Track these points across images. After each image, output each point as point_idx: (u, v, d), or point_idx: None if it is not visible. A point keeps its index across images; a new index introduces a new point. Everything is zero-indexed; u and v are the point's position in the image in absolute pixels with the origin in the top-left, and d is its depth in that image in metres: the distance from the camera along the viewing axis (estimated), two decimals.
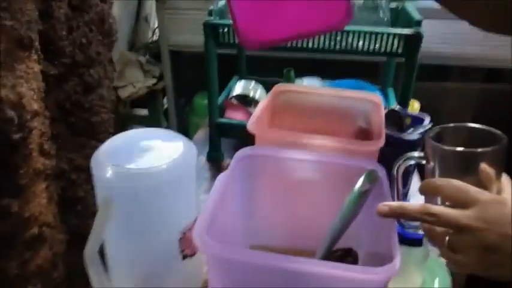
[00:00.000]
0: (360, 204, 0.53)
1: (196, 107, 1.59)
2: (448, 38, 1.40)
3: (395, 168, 0.53)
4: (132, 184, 0.55)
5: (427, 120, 0.84)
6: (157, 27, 1.78)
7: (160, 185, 0.56)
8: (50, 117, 0.81)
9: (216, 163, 1.04)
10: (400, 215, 0.45)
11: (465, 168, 0.43)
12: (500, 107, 1.44)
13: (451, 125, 0.47)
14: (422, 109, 1.19)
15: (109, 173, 0.56)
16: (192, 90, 1.66)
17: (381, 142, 0.62)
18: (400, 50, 0.87)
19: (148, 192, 0.56)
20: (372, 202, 0.52)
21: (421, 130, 0.81)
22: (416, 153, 0.51)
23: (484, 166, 0.43)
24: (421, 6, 1.00)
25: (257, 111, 0.71)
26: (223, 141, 1.06)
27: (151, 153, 0.59)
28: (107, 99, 0.97)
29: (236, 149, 0.60)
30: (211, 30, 0.92)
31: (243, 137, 0.70)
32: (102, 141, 0.60)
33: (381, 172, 0.55)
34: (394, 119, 0.85)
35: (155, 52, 1.82)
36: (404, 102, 0.92)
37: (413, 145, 0.79)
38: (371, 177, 0.54)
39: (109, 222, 0.56)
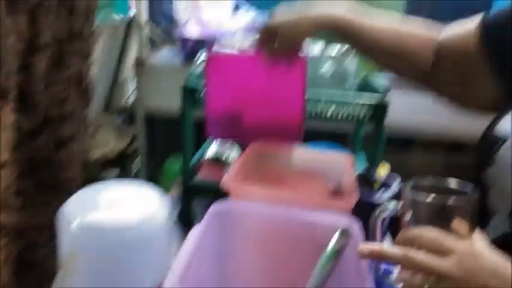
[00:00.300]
0: (334, 262, 0.52)
1: (168, 171, 1.58)
2: (414, 109, 1.49)
3: (373, 219, 0.53)
4: (99, 239, 0.53)
5: (395, 183, 0.87)
6: (133, 91, 1.81)
7: (129, 241, 0.54)
8: (18, 171, 0.78)
9: (187, 225, 1.02)
10: (380, 257, 0.45)
11: (439, 219, 0.44)
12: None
13: (427, 178, 0.49)
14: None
15: (76, 226, 0.53)
16: (164, 154, 1.66)
17: (354, 199, 0.63)
18: (367, 118, 0.91)
19: (116, 248, 0.53)
20: (347, 258, 0.52)
21: (391, 193, 0.83)
22: (393, 204, 0.52)
23: (455, 223, 0.44)
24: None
25: (232, 168, 0.71)
26: (195, 202, 1.04)
27: (122, 208, 0.57)
28: (77, 157, 0.95)
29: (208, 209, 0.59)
30: (189, 94, 0.95)
31: (216, 198, 0.70)
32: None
33: (356, 226, 0.55)
34: (364, 183, 0.87)
35: (129, 115, 1.84)
36: (373, 167, 0.94)
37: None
38: (345, 235, 0.54)
39: (72, 279, 0.53)
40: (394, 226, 0.52)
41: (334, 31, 0.72)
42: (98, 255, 0.52)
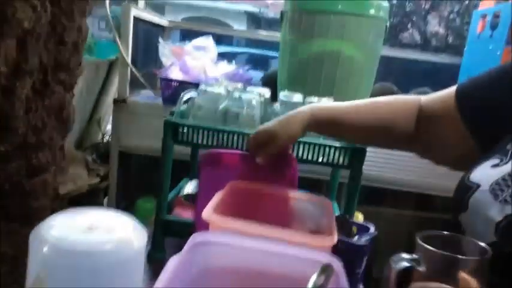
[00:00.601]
0: None
1: (140, 210, 1.54)
2: (386, 160, 1.54)
3: (390, 271, 0.53)
4: (70, 263, 0.51)
5: (372, 228, 0.88)
6: (108, 131, 1.80)
7: (101, 266, 0.51)
8: None
9: (157, 264, 0.98)
10: None
11: (451, 272, 0.45)
12: None
13: (443, 232, 0.51)
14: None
15: (46, 249, 0.51)
16: (136, 193, 1.62)
17: (334, 238, 0.63)
18: (345, 162, 0.94)
19: (88, 273, 0.51)
20: None
21: (368, 237, 0.83)
22: (408, 255, 0.53)
23: (463, 275, 0.45)
24: None
25: (212, 202, 0.71)
26: (167, 242, 1.01)
27: (97, 233, 0.55)
28: (50, 185, 0.93)
29: (181, 249, 0.58)
30: (171, 129, 0.95)
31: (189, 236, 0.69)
32: None
33: (337, 265, 0.55)
34: (342, 227, 0.87)
35: (102, 153, 1.81)
36: (349, 212, 0.95)
37: (362, 251, 0.81)
38: (327, 271, 0.54)
39: None
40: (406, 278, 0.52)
41: (320, 126, 0.82)
42: (69, 279, 0.50)
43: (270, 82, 1.67)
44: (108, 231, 0.55)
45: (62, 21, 0.85)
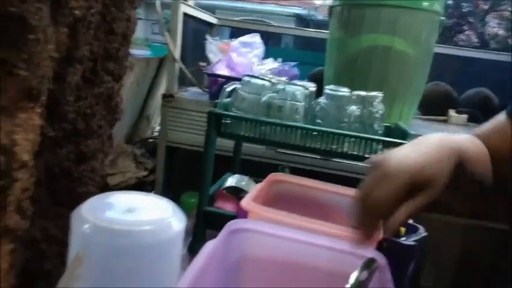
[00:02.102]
0: None
1: (184, 204, 1.56)
2: None
3: None
4: (109, 241, 0.51)
5: (421, 229, 0.83)
6: (157, 126, 1.84)
7: (139, 245, 0.51)
8: (36, 178, 0.78)
9: None
10: None
11: None
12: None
13: None
14: None
15: (86, 227, 0.51)
16: (181, 187, 1.65)
17: (379, 234, 0.59)
18: None
19: (126, 252, 0.51)
20: None
21: (416, 237, 0.78)
22: None
23: None
24: None
25: (252, 193, 0.69)
26: (208, 235, 1.01)
27: (136, 214, 0.55)
28: (98, 172, 0.95)
29: None
30: (214, 120, 0.95)
31: None
32: None
33: (382, 261, 0.52)
34: None
35: (151, 148, 1.86)
36: None
37: (410, 252, 0.76)
38: (370, 266, 0.50)
39: (76, 283, 0.50)
40: None
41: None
42: (107, 257, 0.50)
43: (316, 81, 1.64)
44: (147, 213, 0.55)
45: (112, 11, 0.87)
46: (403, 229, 0.85)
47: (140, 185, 1.61)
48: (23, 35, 0.63)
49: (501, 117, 0.59)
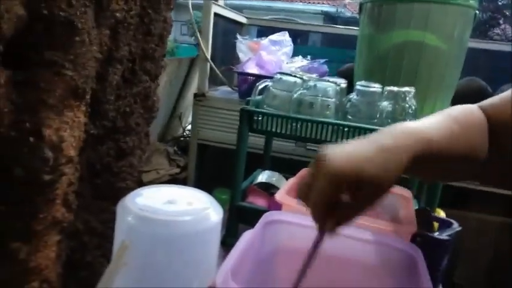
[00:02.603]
0: None
1: (216, 200, 1.59)
2: None
3: None
4: (152, 230, 0.54)
5: (455, 224, 0.82)
6: (188, 125, 1.88)
7: (180, 235, 0.54)
8: (79, 173, 0.82)
9: (231, 248, 1.01)
10: None
11: None
12: None
13: None
14: None
15: (130, 218, 0.55)
16: (212, 184, 1.68)
17: (414, 227, 0.60)
18: None
19: (167, 241, 0.54)
20: (405, 282, 0.49)
21: (450, 232, 0.78)
22: None
23: None
24: None
25: (285, 186, 0.71)
26: (241, 230, 1.03)
27: (177, 206, 0.58)
28: (135, 168, 0.99)
29: None
30: (247, 117, 0.97)
31: None
32: None
33: (416, 253, 0.53)
34: (422, 221, 0.83)
35: (183, 146, 1.90)
36: (430, 207, 0.90)
37: (444, 246, 0.76)
38: None
39: (122, 270, 0.53)
40: None
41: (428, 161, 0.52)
42: (150, 246, 0.53)
43: (345, 77, 1.64)
44: (187, 204, 0.58)
45: (150, 13, 0.90)
46: (436, 224, 0.85)
47: (173, 182, 1.66)
48: (70, 37, 0.67)
49: None
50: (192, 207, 0.57)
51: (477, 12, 1.40)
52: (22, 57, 0.65)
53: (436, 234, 0.79)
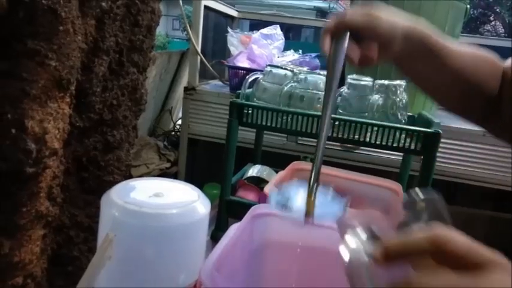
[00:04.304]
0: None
1: (206, 195, 1.58)
2: (461, 152, 1.43)
3: None
4: (137, 224, 0.53)
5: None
6: (179, 119, 1.86)
7: (168, 228, 0.53)
8: (65, 166, 0.81)
9: None
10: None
11: None
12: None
13: None
14: None
15: (115, 210, 0.53)
16: (203, 179, 1.67)
17: (401, 217, 0.59)
18: (418, 147, 0.89)
19: (153, 234, 0.53)
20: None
21: None
22: None
23: None
24: None
25: (274, 180, 0.70)
26: (230, 223, 1.03)
27: (163, 199, 0.57)
28: (123, 162, 0.97)
29: None
30: (236, 110, 0.96)
31: None
32: None
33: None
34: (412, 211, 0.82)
35: (173, 140, 1.88)
36: None
37: None
38: None
39: (106, 264, 0.52)
40: None
41: (418, 49, 0.58)
42: (135, 239, 0.52)
43: None
44: (173, 197, 0.57)
45: (137, 3, 0.89)
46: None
47: (163, 177, 1.64)
48: (54, 26, 0.65)
49: None
50: (178, 200, 0.56)
51: (468, 6, 1.39)
52: (4, 47, 0.63)
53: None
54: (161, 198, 0.56)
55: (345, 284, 0.49)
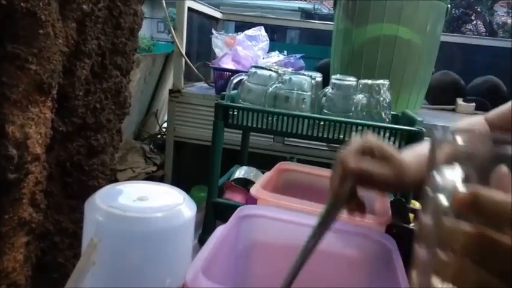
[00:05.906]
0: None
1: (193, 198, 1.57)
2: None
3: None
4: (121, 228, 0.52)
5: None
6: (164, 122, 1.85)
7: (152, 232, 0.52)
8: (48, 171, 0.79)
9: None
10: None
11: None
12: None
13: None
14: None
15: (99, 215, 0.53)
16: (190, 182, 1.66)
17: (388, 219, 0.60)
18: (402, 146, 0.89)
19: (138, 238, 0.52)
20: (380, 273, 0.49)
21: None
22: None
23: None
24: None
25: (260, 180, 0.70)
26: (218, 225, 1.02)
27: (148, 202, 0.56)
28: (108, 166, 0.96)
29: None
30: (222, 111, 0.96)
31: None
32: None
33: (390, 242, 0.52)
34: (398, 212, 0.83)
35: (159, 144, 1.87)
36: (406, 198, 0.91)
37: None
38: None
39: (91, 269, 0.51)
40: None
41: None
42: (120, 244, 0.51)
43: (322, 73, 1.64)
44: (158, 200, 0.56)
45: (119, 5, 0.88)
46: (412, 215, 0.85)
47: (150, 180, 1.63)
48: (33, 29, 0.64)
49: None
50: (163, 203, 0.55)
51: (449, 6, 1.42)
52: None
53: (411, 225, 0.80)
54: (146, 202, 0.55)
55: (332, 284, 0.49)
